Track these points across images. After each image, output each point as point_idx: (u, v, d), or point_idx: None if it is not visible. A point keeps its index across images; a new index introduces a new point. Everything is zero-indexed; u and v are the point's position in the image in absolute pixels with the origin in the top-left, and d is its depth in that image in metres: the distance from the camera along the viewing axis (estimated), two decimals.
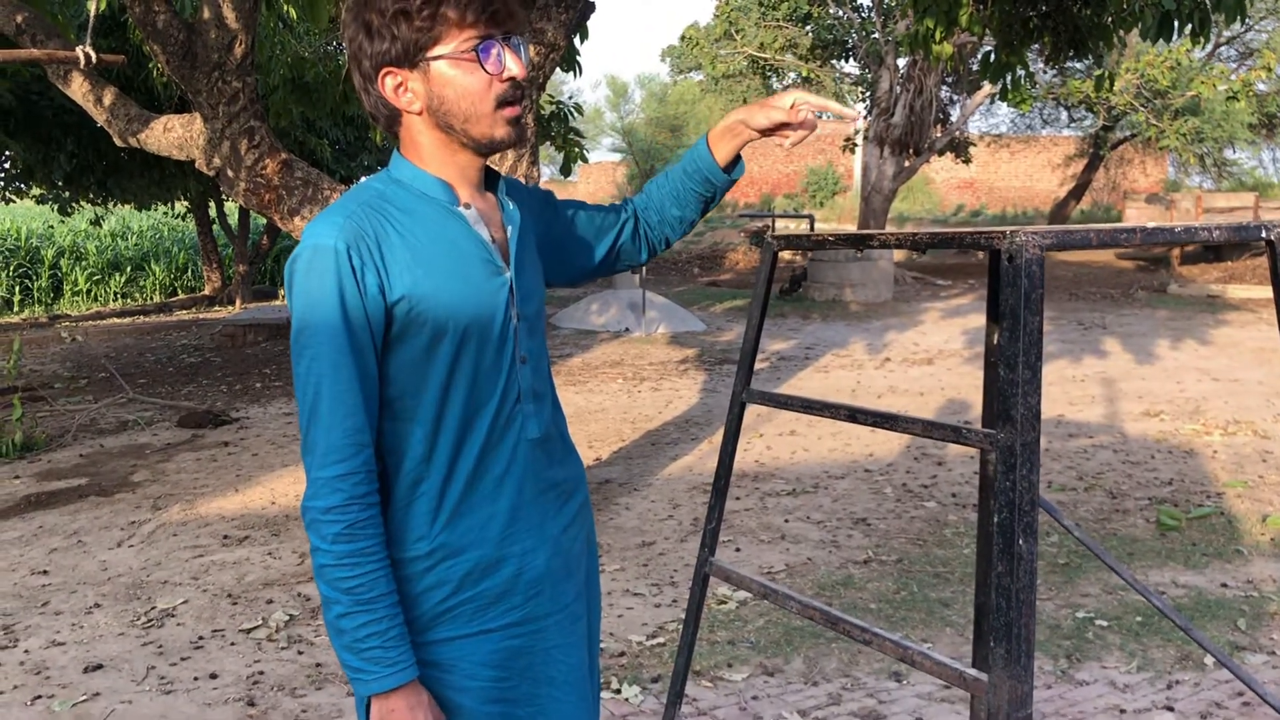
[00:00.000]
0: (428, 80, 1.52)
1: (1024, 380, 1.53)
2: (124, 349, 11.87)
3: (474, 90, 1.51)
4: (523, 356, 1.64)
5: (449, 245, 1.56)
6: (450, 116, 1.54)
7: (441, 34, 1.49)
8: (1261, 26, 20.96)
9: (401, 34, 1.49)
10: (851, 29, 19.01)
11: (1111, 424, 7.08)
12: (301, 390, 1.49)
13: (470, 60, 1.50)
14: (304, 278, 1.49)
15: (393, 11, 1.48)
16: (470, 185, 1.62)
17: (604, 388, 8.75)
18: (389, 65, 1.52)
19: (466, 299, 1.55)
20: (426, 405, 1.55)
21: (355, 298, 1.48)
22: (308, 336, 1.48)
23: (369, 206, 1.54)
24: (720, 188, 1.86)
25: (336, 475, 1.47)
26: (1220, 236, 1.79)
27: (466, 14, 1.48)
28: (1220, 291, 14.68)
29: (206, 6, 4.13)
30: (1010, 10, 5.94)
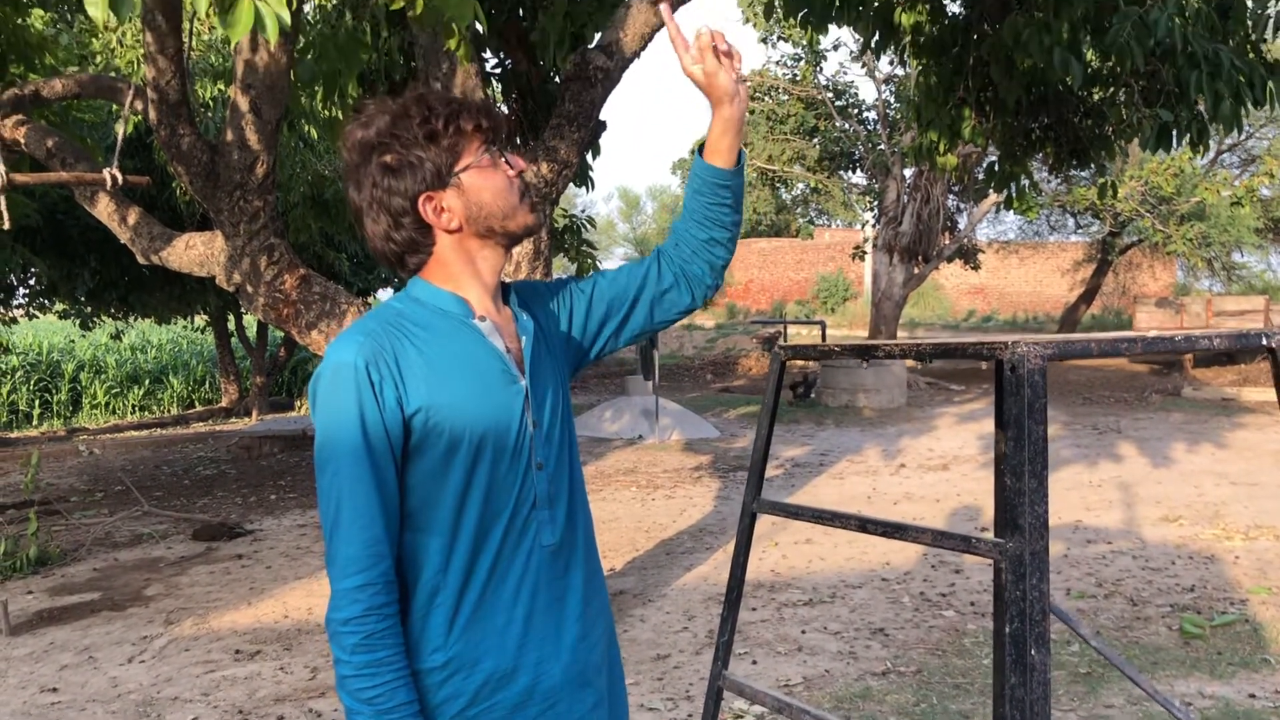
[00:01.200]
0: (463, 193, 1.62)
1: (1030, 489, 1.54)
2: (140, 462, 11.92)
3: (503, 187, 1.64)
4: (539, 463, 1.67)
5: (465, 357, 1.62)
6: (491, 218, 1.64)
7: (463, 148, 1.61)
8: (1262, 134, 21.31)
9: (431, 158, 1.59)
10: (858, 141, 19.40)
11: (1130, 529, 7.01)
12: (324, 504, 1.54)
13: (490, 165, 1.62)
14: (326, 394, 1.56)
15: (423, 135, 1.59)
16: (487, 297, 1.68)
17: (617, 496, 8.72)
18: (427, 190, 1.61)
19: (482, 408, 1.60)
20: (444, 515, 1.59)
21: (374, 412, 1.53)
22: (329, 451, 1.54)
23: (387, 324, 1.61)
24: (733, 185, 1.81)
25: (355, 586, 1.51)
26: (1222, 345, 1.82)
27: (480, 122, 1.61)
28: (1235, 395, 14.63)
29: (230, 129, 4.27)
30: (1012, 122, 6.07)
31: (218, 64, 9.39)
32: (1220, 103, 4.72)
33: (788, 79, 20.07)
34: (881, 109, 18.31)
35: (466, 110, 1.61)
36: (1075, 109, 6.05)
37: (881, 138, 18.20)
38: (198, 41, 9.12)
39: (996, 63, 5.35)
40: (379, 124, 1.61)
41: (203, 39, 9.38)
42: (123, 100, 4.42)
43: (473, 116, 1.61)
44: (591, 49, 4.62)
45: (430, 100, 1.61)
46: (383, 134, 1.60)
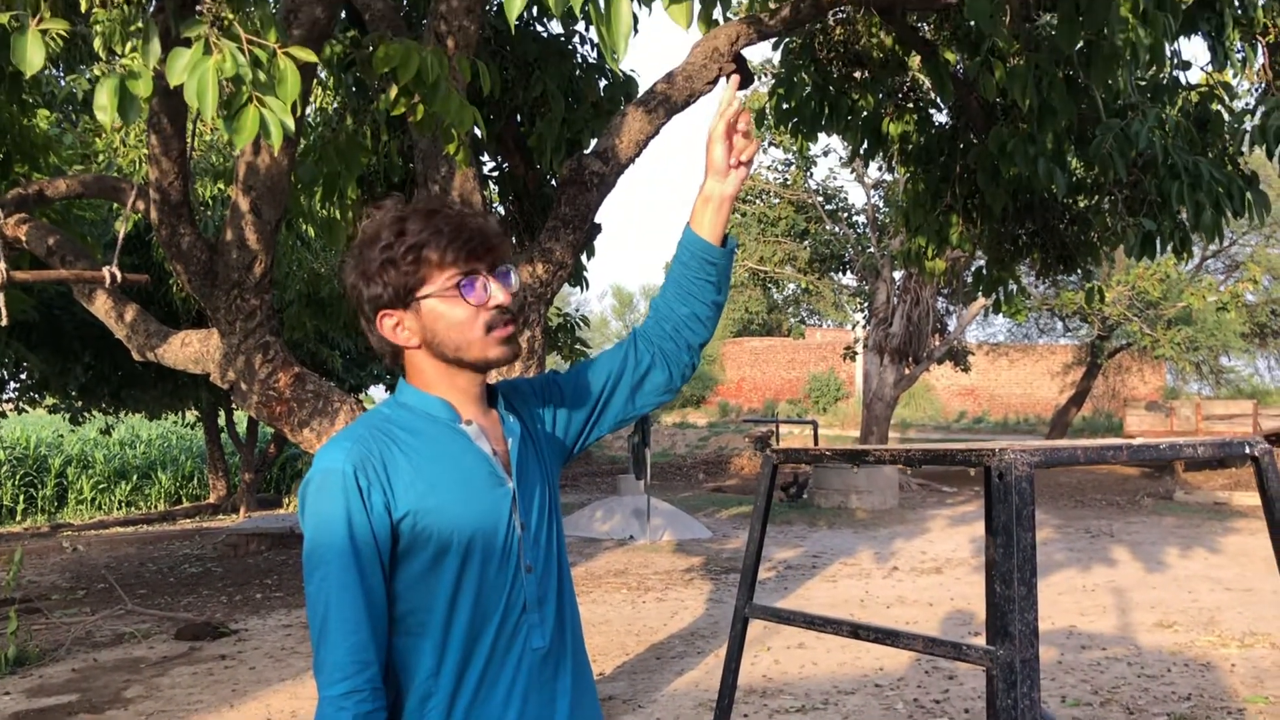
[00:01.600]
0: (420, 317, 1.64)
1: (1020, 596, 1.55)
2: (125, 559, 11.77)
3: (462, 321, 1.63)
4: (528, 566, 1.68)
5: (452, 461, 1.64)
6: (444, 347, 1.65)
7: (427, 275, 1.62)
8: (1245, 241, 21.68)
9: (391, 279, 1.62)
10: (848, 244, 19.69)
11: (1125, 635, 6.94)
12: (312, 609, 1.54)
13: (454, 295, 1.62)
14: (314, 500, 1.57)
15: (380, 261, 1.62)
16: (472, 402, 1.70)
17: (607, 598, 8.62)
18: (385, 308, 1.65)
19: (469, 512, 1.61)
20: (435, 619, 1.60)
21: (362, 517, 1.55)
22: (317, 557, 1.55)
23: (376, 429, 1.63)
24: (720, 264, 1.82)
25: (341, 694, 1.50)
26: (1206, 453, 1.84)
27: (446, 255, 1.61)
28: (1226, 499, 14.62)
29: (230, 228, 4.33)
30: (999, 229, 6.19)
31: (218, 164, 9.55)
32: (1201, 212, 4.83)
33: (779, 183, 20.44)
34: (871, 213, 18.62)
35: (440, 238, 1.61)
36: (1061, 216, 6.17)
37: (871, 241, 18.48)
38: (199, 142, 9.29)
39: (983, 171, 5.47)
40: (362, 236, 1.67)
41: (204, 139, 9.55)
42: (125, 200, 4.49)
43: (442, 247, 1.61)
44: (587, 154, 4.73)
45: (407, 225, 1.62)
46: (360, 246, 1.67)
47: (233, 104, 2.52)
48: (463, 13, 4.28)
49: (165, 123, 4.14)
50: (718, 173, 1.78)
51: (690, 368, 1.87)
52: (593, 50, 6.11)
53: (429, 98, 3.30)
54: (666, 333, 1.85)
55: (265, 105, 2.52)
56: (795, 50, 5.94)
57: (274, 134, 2.52)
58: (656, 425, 27.87)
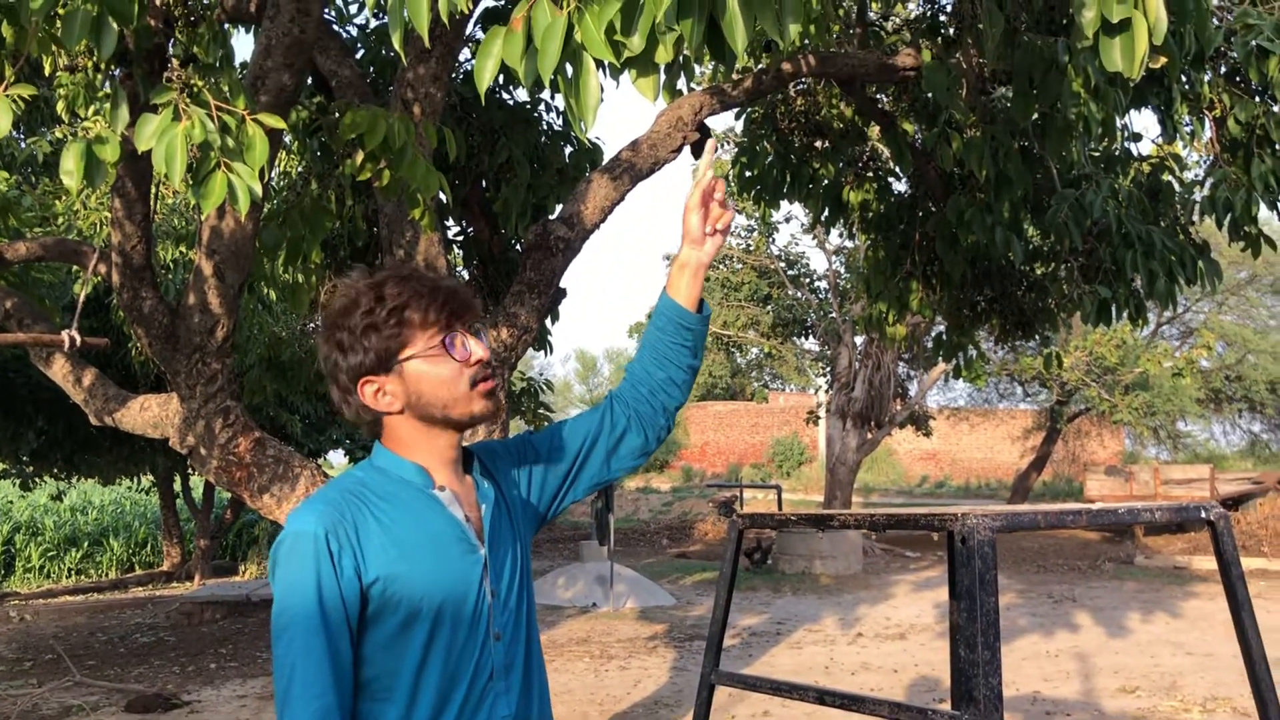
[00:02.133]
0: (403, 380, 1.65)
1: (984, 661, 1.55)
2: (74, 628, 11.49)
3: (448, 378, 1.64)
4: (496, 633, 1.67)
5: (424, 527, 1.63)
6: (430, 407, 1.65)
7: (409, 337, 1.63)
8: (1198, 307, 22.11)
9: (373, 345, 1.63)
10: (810, 309, 19.88)
11: (1088, 700, 6.93)
12: (278, 673, 1.53)
13: (439, 354, 1.64)
14: (285, 562, 1.57)
15: (362, 327, 1.63)
16: (447, 468, 1.70)
17: (569, 667, 8.51)
18: (367, 374, 1.65)
19: (440, 578, 1.61)
20: (402, 684, 1.59)
21: (331, 581, 1.55)
22: (285, 619, 1.54)
23: (349, 493, 1.63)
24: (696, 329, 1.84)
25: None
26: (1163, 518, 1.86)
27: (429, 315, 1.63)
28: (1186, 563, 14.73)
29: (192, 292, 4.31)
30: (958, 295, 6.28)
31: (180, 227, 9.51)
32: (1155, 280, 4.93)
33: (741, 249, 20.66)
34: (832, 279, 18.84)
35: (420, 300, 1.63)
36: (1018, 283, 6.27)
37: (833, 306, 18.66)
38: (161, 205, 9.26)
39: (941, 239, 5.57)
40: (337, 304, 1.67)
41: (166, 202, 9.52)
42: (86, 263, 4.46)
43: (423, 308, 1.63)
44: (553, 220, 4.77)
45: (385, 289, 1.64)
46: (336, 315, 1.67)
47: (200, 169, 2.52)
48: (429, 80, 4.33)
49: (130, 187, 4.14)
50: (694, 240, 1.81)
51: (665, 430, 1.89)
52: (558, 117, 6.19)
53: (395, 163, 3.33)
54: (642, 396, 1.87)
55: (233, 171, 2.53)
56: (757, 120, 6.05)
57: (241, 199, 2.53)
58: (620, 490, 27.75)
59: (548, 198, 5.99)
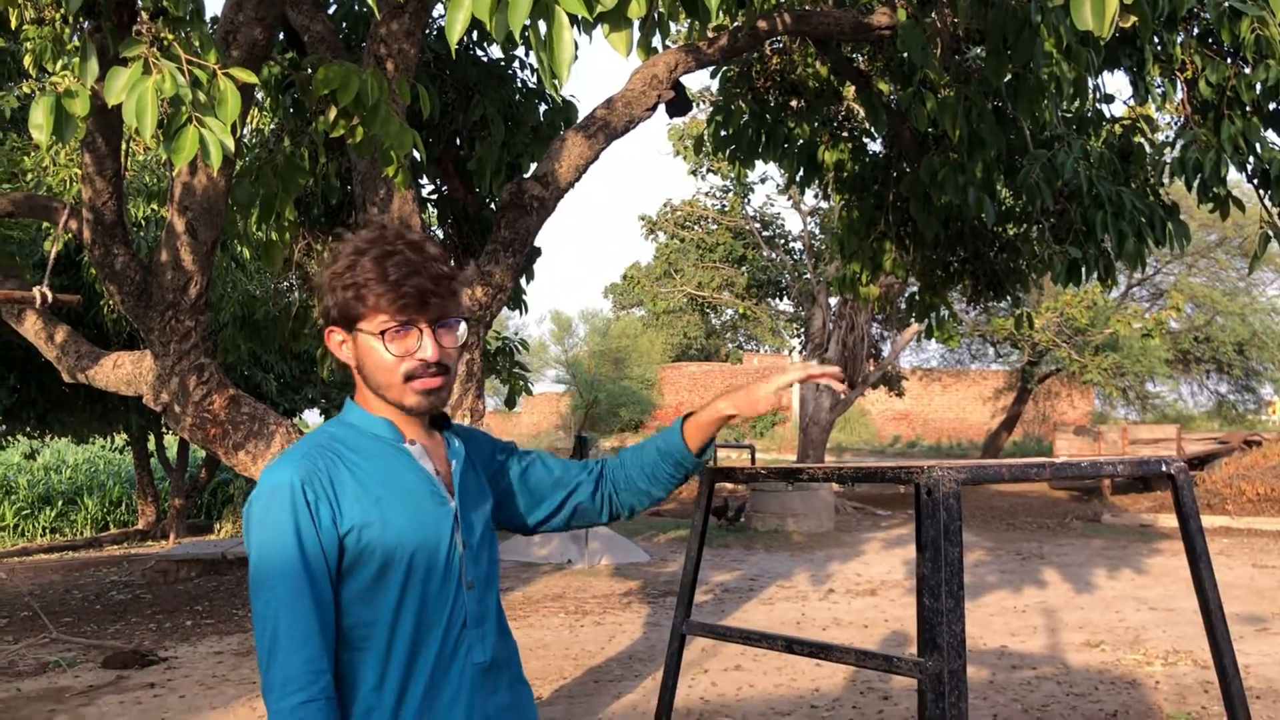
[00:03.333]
0: (356, 346, 1.69)
1: (948, 609, 1.60)
2: (49, 586, 11.48)
3: (383, 365, 1.67)
4: (469, 582, 1.71)
5: (396, 479, 1.67)
6: (369, 381, 1.71)
7: (364, 313, 1.66)
8: (1168, 270, 22.30)
9: (338, 301, 1.67)
10: (784, 270, 19.93)
11: (1054, 655, 7.07)
12: (260, 625, 1.56)
13: (378, 339, 1.66)
14: (261, 515, 1.60)
15: (335, 282, 1.67)
16: (415, 425, 1.74)
17: (545, 622, 8.60)
18: (332, 324, 1.70)
19: (413, 528, 1.65)
20: (378, 633, 1.62)
21: (310, 530, 1.58)
22: (266, 570, 1.57)
23: (322, 447, 1.67)
24: (690, 470, 1.94)
25: (297, 703, 1.52)
26: (1125, 471, 1.91)
27: (380, 302, 1.65)
28: (1152, 521, 14.97)
29: (165, 249, 4.29)
30: (931, 256, 6.32)
31: (151, 184, 9.42)
32: (1124, 241, 4.98)
33: (716, 209, 20.64)
34: (807, 240, 18.88)
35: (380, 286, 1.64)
36: (990, 244, 6.32)
37: (807, 267, 18.72)
38: (132, 162, 9.16)
39: (915, 199, 5.59)
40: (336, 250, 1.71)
41: (137, 159, 9.41)
42: (57, 220, 4.43)
43: (378, 295, 1.64)
44: (527, 178, 4.76)
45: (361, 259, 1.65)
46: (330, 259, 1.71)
47: (171, 124, 2.51)
48: (402, 36, 4.30)
49: (100, 142, 4.10)
50: (752, 405, 1.86)
51: (617, 519, 1.99)
52: (532, 75, 6.15)
53: (368, 120, 3.32)
54: (621, 487, 1.95)
55: (205, 125, 2.52)
56: (733, 79, 6.03)
57: (213, 154, 2.52)
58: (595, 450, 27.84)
59: (522, 156, 5.97)
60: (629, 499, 1.96)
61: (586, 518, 1.97)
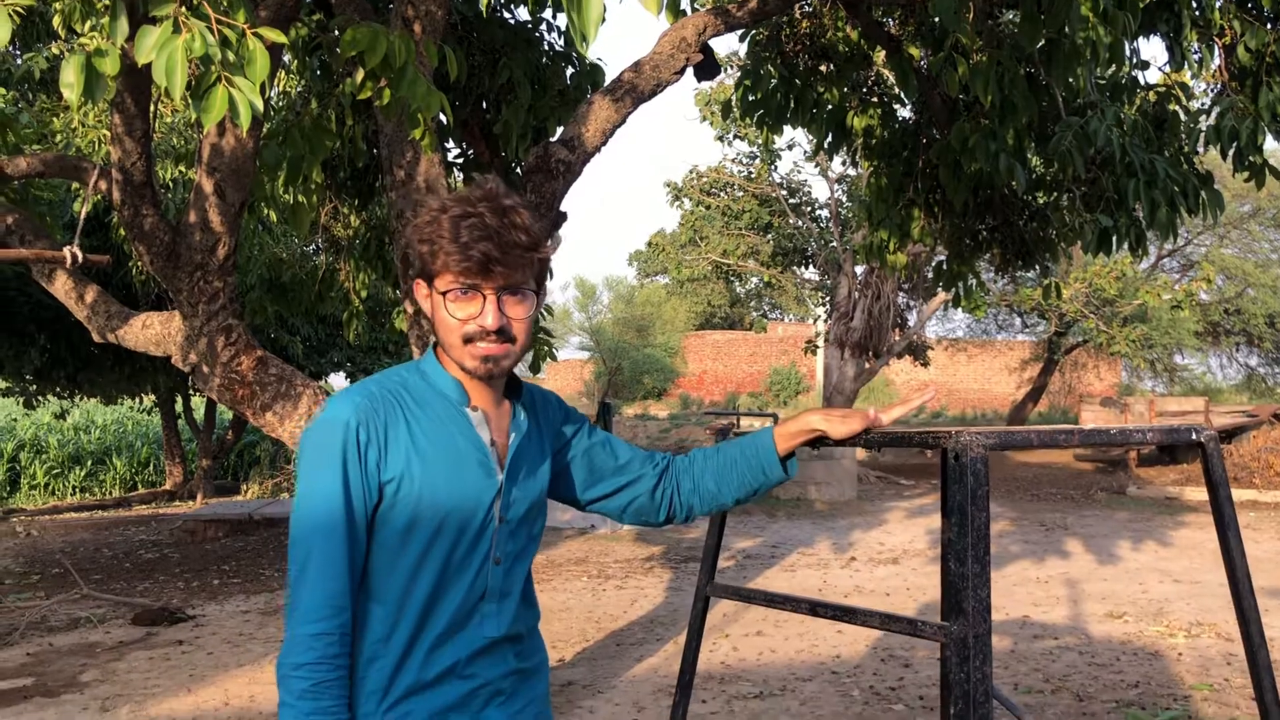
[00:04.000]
0: (432, 301, 1.71)
1: (974, 574, 1.59)
2: (80, 544, 11.65)
3: (447, 325, 1.68)
4: (497, 557, 1.71)
5: (448, 440, 1.69)
6: (438, 338, 1.73)
7: (436, 270, 1.67)
8: (1200, 240, 22.05)
9: (421, 255, 1.68)
10: (810, 238, 19.81)
11: (1076, 625, 7.06)
12: (295, 550, 1.60)
13: (444, 300, 1.68)
14: (315, 446, 1.63)
15: (413, 234, 1.69)
16: (484, 391, 1.75)
17: (568, 586, 8.65)
18: (419, 277, 1.72)
19: (450, 493, 1.66)
20: (393, 587, 1.65)
21: (356, 470, 1.61)
22: (309, 502, 1.61)
23: (388, 391, 1.70)
24: (771, 482, 1.92)
25: (313, 634, 1.56)
26: (1154, 439, 1.89)
27: (448, 264, 1.65)
28: (1178, 494, 14.88)
29: (193, 210, 4.31)
30: (959, 224, 6.27)
31: (179, 146, 9.45)
32: (1156, 210, 4.92)
33: (743, 176, 20.52)
34: (834, 207, 18.75)
35: (452, 247, 1.63)
36: (1020, 212, 6.26)
37: (834, 235, 18.60)
38: (160, 123, 9.19)
39: (945, 166, 5.54)
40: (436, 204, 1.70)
41: (165, 121, 9.44)
42: (86, 180, 4.45)
43: (446, 255, 1.64)
44: (554, 142, 4.74)
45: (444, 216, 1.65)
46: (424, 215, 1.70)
47: (201, 84, 2.51)
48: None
49: (129, 102, 4.11)
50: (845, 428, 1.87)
51: (671, 522, 1.95)
52: (560, 38, 6.12)
53: (395, 82, 3.31)
54: (685, 484, 1.94)
55: (234, 85, 2.52)
56: (762, 42, 5.98)
57: (242, 114, 2.52)
58: (618, 417, 27.92)
59: (548, 120, 5.95)
60: (690, 498, 1.94)
61: (642, 515, 1.94)
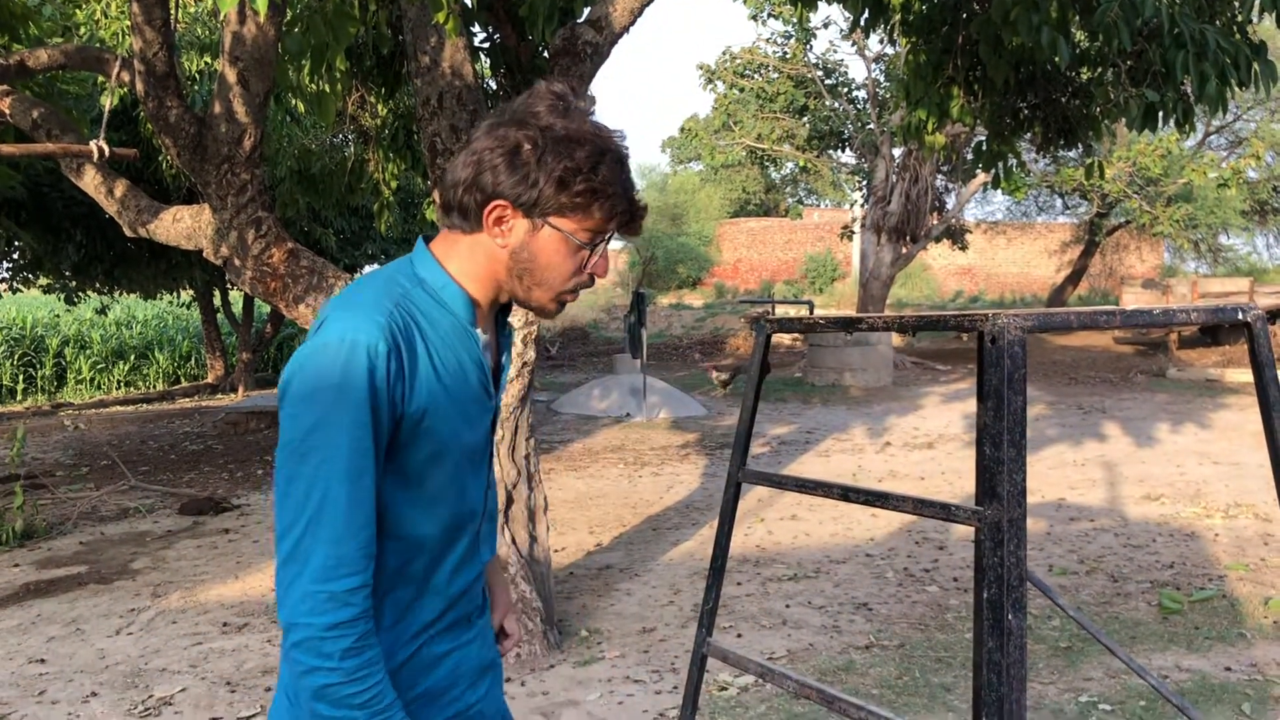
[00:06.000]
0: (533, 235, 1.50)
1: (1009, 458, 1.57)
2: (126, 436, 11.90)
3: (563, 270, 1.52)
4: (490, 481, 1.69)
5: (460, 368, 1.52)
6: (527, 274, 1.53)
7: (578, 217, 1.49)
8: (1250, 116, 21.37)
9: (547, 192, 1.47)
10: (847, 120, 19.40)
11: (1112, 507, 7.07)
12: (301, 491, 1.38)
13: (575, 248, 1.51)
14: (332, 369, 1.38)
15: (557, 172, 1.46)
16: (486, 311, 1.60)
17: (605, 473, 8.75)
18: (510, 201, 1.48)
19: (464, 422, 1.53)
20: (407, 520, 1.51)
21: (385, 404, 1.41)
22: (324, 435, 1.37)
23: (402, 309, 1.47)
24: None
25: (349, 589, 1.37)
26: (1199, 319, 1.84)
27: (610, 215, 1.50)
28: (1218, 376, 14.74)
29: (218, 101, 4.26)
30: (1000, 102, 6.08)
31: (204, 36, 9.33)
32: (1206, 83, 4.74)
33: (778, 57, 20.03)
34: (871, 88, 18.30)
35: (618, 200, 1.49)
36: (1063, 89, 6.06)
37: (871, 117, 18.20)
38: (183, 14, 9.06)
39: (985, 41, 5.35)
40: (560, 123, 1.47)
41: (188, 11, 9.31)
42: (109, 72, 4.40)
43: (614, 208, 1.49)
44: (580, 23, 4.62)
45: (603, 161, 1.47)
46: (545, 132, 1.47)
47: None
48: None
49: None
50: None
51: None
52: None
53: None
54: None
55: None
56: None
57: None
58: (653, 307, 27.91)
59: (575, 1, 5.78)
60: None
61: None
